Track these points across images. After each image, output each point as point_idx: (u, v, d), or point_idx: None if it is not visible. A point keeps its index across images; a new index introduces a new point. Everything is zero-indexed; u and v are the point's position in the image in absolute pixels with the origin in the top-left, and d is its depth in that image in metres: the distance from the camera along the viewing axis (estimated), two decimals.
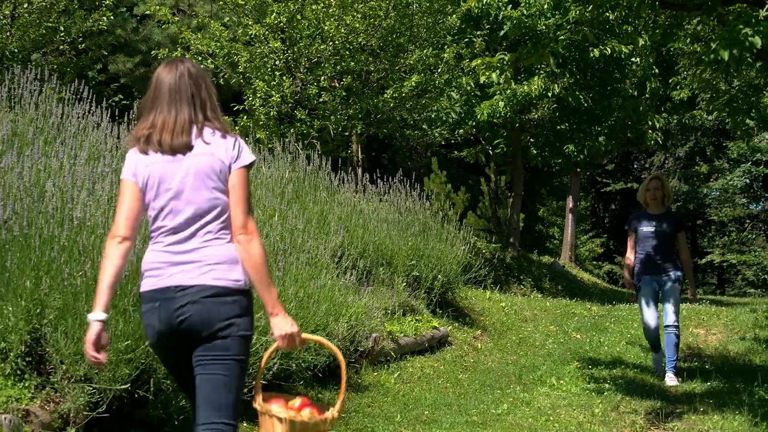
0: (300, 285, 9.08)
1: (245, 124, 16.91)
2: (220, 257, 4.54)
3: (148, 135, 4.68)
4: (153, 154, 4.65)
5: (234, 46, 17.33)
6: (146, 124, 4.73)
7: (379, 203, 14.72)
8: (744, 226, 52.46)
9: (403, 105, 18.34)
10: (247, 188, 4.67)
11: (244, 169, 4.68)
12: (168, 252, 4.58)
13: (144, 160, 4.66)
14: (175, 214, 4.60)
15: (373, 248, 12.81)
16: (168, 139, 4.64)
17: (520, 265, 26.05)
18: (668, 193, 11.26)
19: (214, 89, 4.93)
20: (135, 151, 4.72)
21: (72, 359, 6.28)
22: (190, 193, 4.59)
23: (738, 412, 9.20)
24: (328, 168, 13.82)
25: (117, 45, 23.60)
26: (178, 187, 4.60)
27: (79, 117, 9.73)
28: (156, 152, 4.65)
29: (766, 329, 14.73)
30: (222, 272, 4.51)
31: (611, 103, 24.93)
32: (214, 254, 4.55)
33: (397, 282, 12.63)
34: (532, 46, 14.74)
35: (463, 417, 9.17)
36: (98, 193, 7.55)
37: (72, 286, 6.48)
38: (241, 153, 4.70)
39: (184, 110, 4.71)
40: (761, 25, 8.81)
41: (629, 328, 14.85)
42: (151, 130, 4.69)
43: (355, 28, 16.94)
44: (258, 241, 4.56)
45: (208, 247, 4.56)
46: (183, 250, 4.56)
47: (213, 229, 4.60)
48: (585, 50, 21.94)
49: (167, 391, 6.72)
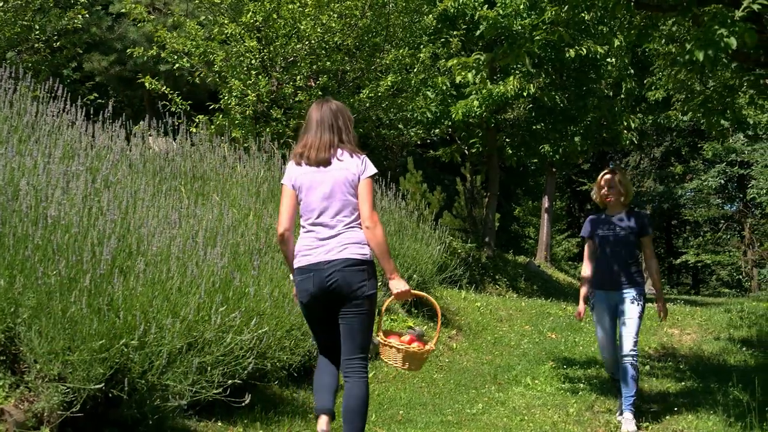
0: (275, 284, 9.06)
1: (221, 123, 16.85)
2: (353, 239, 6.47)
3: (302, 152, 6.67)
4: (304, 166, 6.64)
5: (210, 44, 17.27)
6: (301, 144, 6.75)
7: None
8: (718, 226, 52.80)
9: (378, 104, 18.32)
10: (371, 191, 6.57)
11: (369, 179, 6.59)
12: (317, 238, 6.51)
13: (298, 170, 6.67)
14: (322, 210, 6.54)
15: None
16: (314, 155, 6.61)
17: (496, 264, 26.09)
18: (627, 189, 9.29)
19: (351, 119, 6.88)
20: (292, 163, 6.74)
21: (46, 358, 6.25)
22: (331, 195, 6.53)
23: (712, 412, 9.25)
24: None
25: (92, 43, 23.55)
26: (323, 191, 6.54)
27: (54, 115, 9.67)
28: (306, 165, 6.64)
29: (741, 329, 14.81)
30: (355, 249, 6.44)
31: (587, 104, 24.99)
32: (349, 237, 6.48)
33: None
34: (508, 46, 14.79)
35: (438, 416, 9.19)
36: (72, 191, 7.52)
37: (46, 285, 6.45)
38: (366, 167, 6.61)
39: (326, 135, 6.67)
40: (736, 26, 8.83)
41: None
42: (303, 148, 6.68)
43: (331, 28, 16.91)
44: (380, 228, 6.50)
45: (345, 233, 6.49)
46: (328, 236, 6.49)
47: (347, 221, 6.52)
48: (561, 50, 22.03)
49: (142, 391, 6.70)
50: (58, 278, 6.46)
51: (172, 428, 7.15)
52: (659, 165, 54.49)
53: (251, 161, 12.97)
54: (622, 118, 26.31)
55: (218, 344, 7.34)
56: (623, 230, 9.19)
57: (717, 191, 51.22)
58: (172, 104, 16.90)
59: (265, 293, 8.64)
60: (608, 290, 9.12)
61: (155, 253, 7.42)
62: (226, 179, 12.06)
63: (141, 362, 6.62)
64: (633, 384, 8.86)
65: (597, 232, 9.30)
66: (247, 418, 8.01)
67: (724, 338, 14.08)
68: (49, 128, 9.30)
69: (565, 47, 21.53)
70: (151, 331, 6.65)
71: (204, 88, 20.59)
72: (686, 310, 17.18)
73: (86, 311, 6.35)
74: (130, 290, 6.81)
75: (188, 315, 7.02)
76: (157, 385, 6.78)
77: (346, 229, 6.50)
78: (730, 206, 53.04)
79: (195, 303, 7.23)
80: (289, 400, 9.07)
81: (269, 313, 8.50)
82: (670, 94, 22.71)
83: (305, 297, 6.51)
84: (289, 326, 8.85)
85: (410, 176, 25.86)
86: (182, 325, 6.95)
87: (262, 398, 8.59)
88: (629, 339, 8.89)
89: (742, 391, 9.72)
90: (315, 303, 6.50)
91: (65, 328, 6.33)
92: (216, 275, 7.93)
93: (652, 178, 53.49)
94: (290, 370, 9.11)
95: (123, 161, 9.91)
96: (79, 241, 6.82)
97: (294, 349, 8.87)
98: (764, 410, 8.72)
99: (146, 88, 18.03)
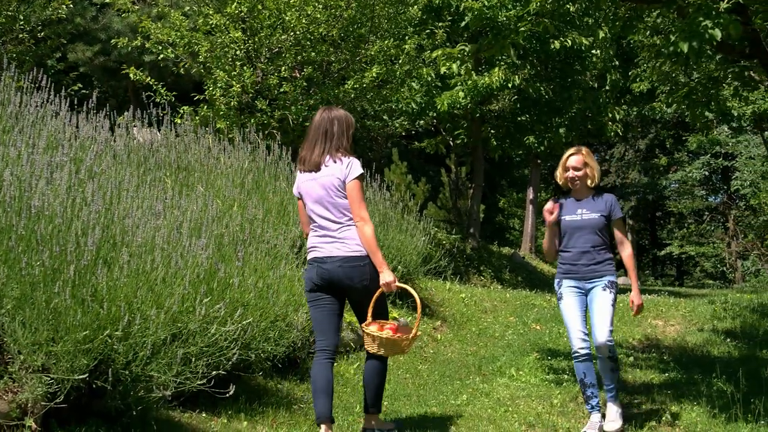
0: (259, 275, 9.05)
1: (206, 113, 16.82)
2: (348, 237, 7.31)
3: (301, 158, 7.54)
4: (303, 172, 7.52)
5: (194, 35, 17.22)
6: (301, 151, 7.56)
7: None
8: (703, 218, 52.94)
9: (363, 96, 18.30)
10: (359, 191, 7.32)
11: (355, 180, 7.31)
12: (320, 236, 7.42)
13: (300, 178, 7.58)
14: (318, 213, 7.42)
15: None
16: (308, 161, 7.46)
17: (481, 256, 26.10)
18: (593, 172, 8.62)
19: (351, 126, 7.60)
20: (298, 171, 7.62)
21: (30, 349, 6.24)
22: (321, 199, 7.39)
23: (696, 403, 9.28)
24: (288, 158, 13.77)
25: (76, 34, 23.48)
26: (315, 196, 7.42)
27: (38, 106, 9.64)
28: (304, 171, 7.50)
29: (724, 321, 14.83)
30: (352, 246, 7.30)
31: (571, 95, 25.04)
32: (349, 236, 7.32)
33: None
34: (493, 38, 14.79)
35: (423, 408, 9.20)
36: (56, 182, 7.50)
37: (30, 276, 6.43)
38: (351, 170, 7.32)
39: (319, 141, 7.46)
40: (721, 18, 8.85)
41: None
42: (301, 155, 7.51)
43: (316, 19, 16.88)
44: (369, 226, 7.28)
45: (343, 231, 7.34)
46: (326, 235, 7.38)
47: (342, 221, 7.35)
48: (546, 42, 22.02)
49: (126, 382, 6.69)
50: (42, 269, 6.45)
51: (156, 419, 7.15)
52: (644, 156, 54.54)
53: (236, 152, 12.95)
54: (607, 109, 26.40)
55: (202, 335, 7.33)
56: (591, 214, 8.55)
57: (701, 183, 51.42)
58: (157, 95, 16.86)
59: (250, 284, 8.62)
60: (578, 279, 8.53)
61: (139, 244, 7.40)
62: (211, 170, 12.04)
63: (125, 353, 6.60)
64: (611, 376, 8.44)
65: (563, 217, 8.64)
66: (231, 409, 8.01)
67: (708, 329, 14.10)
68: (33, 119, 9.27)
69: (550, 39, 21.52)
70: (135, 322, 6.64)
71: (189, 79, 20.54)
72: (670, 301, 17.17)
73: (70, 302, 6.34)
74: (114, 281, 6.79)
75: (172, 306, 7.00)
76: (141, 376, 6.77)
77: (342, 228, 7.35)
78: (714, 198, 53.20)
79: (179, 294, 7.21)
80: (273, 391, 9.07)
81: (254, 304, 8.49)
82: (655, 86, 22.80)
83: (308, 285, 7.50)
84: (274, 317, 8.84)
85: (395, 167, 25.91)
86: (166, 316, 6.93)
87: (246, 389, 8.60)
88: (604, 328, 8.28)
89: (726, 383, 9.73)
90: (317, 289, 7.44)
91: (49, 319, 6.31)
92: (200, 266, 7.91)
93: (637, 169, 53.56)
94: (275, 361, 9.11)
95: (107, 152, 9.87)
96: (63, 232, 6.80)
97: (278, 340, 8.86)
98: (748, 402, 8.75)
99: (131, 79, 17.97)
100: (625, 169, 54.08)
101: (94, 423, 6.63)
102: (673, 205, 53.92)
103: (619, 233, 8.61)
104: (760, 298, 17.03)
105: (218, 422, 7.69)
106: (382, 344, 7.43)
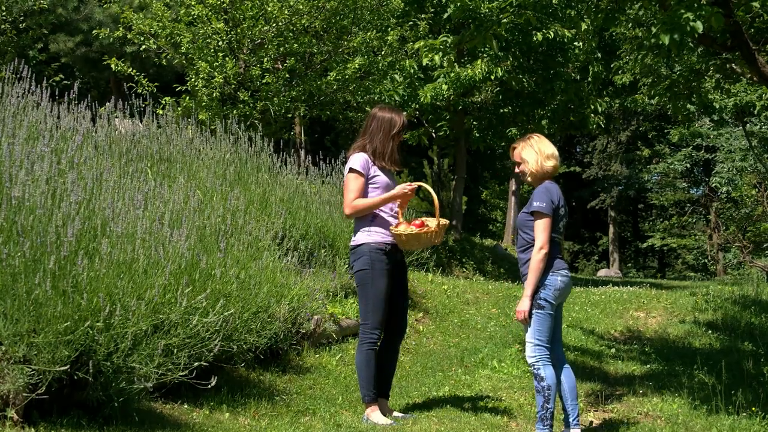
0: (241, 266, 9.04)
1: (188, 105, 16.82)
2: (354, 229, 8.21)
3: None
4: None
5: (176, 26, 17.21)
6: None
7: (321, 185, 14.72)
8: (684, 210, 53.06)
9: (346, 87, 18.32)
10: (347, 183, 7.99)
11: (347, 174, 8.04)
12: None
13: None
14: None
15: (315, 230, 12.81)
16: None
17: (463, 248, 26.12)
18: (528, 167, 7.78)
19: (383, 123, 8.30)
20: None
21: (11, 340, 6.21)
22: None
23: (677, 395, 9.31)
24: (270, 150, 13.74)
25: (58, 24, 23.42)
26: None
27: (19, 96, 9.60)
28: None
29: (706, 312, 14.88)
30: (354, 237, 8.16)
31: (554, 87, 25.03)
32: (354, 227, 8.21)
33: (339, 264, 12.61)
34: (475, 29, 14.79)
35: (405, 399, 9.20)
36: (37, 172, 7.48)
37: (11, 267, 6.40)
38: (347, 164, 8.11)
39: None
40: (703, 10, 8.86)
41: (570, 312, 14.95)
42: None
43: (299, 10, 16.89)
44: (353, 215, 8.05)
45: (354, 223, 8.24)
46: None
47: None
48: (528, 34, 22.06)
49: (107, 373, 6.67)
50: (23, 260, 6.42)
51: (137, 410, 7.12)
52: (626, 149, 54.73)
53: (218, 143, 12.94)
54: (589, 101, 26.39)
55: (184, 326, 7.31)
56: (522, 212, 7.83)
57: (683, 175, 51.59)
58: (139, 86, 16.86)
59: (232, 275, 8.61)
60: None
61: (120, 235, 7.38)
62: (193, 161, 12.02)
63: (106, 344, 6.58)
64: (538, 396, 7.39)
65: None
66: (213, 401, 8.00)
67: (690, 321, 14.15)
68: (14, 109, 9.23)
69: (533, 30, 21.56)
70: (116, 313, 6.61)
71: (171, 69, 20.54)
72: (652, 293, 17.22)
73: (51, 293, 6.32)
74: (95, 272, 6.77)
75: (154, 297, 6.98)
76: (122, 368, 6.75)
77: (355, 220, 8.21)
78: (695, 190, 53.41)
79: (161, 285, 7.20)
80: (255, 382, 9.06)
81: (236, 296, 8.48)
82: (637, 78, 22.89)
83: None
84: (256, 308, 8.83)
85: None
86: (148, 307, 6.91)
87: (228, 380, 8.58)
88: (526, 343, 7.52)
89: (707, 374, 9.77)
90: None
91: (30, 310, 6.29)
92: (182, 257, 7.89)
93: (619, 161, 53.71)
94: (257, 353, 9.10)
95: (88, 143, 9.83)
96: (43, 223, 6.77)
97: (260, 331, 8.84)
98: (729, 393, 8.79)
99: (112, 70, 17.95)
100: (607, 161, 54.22)
101: (75, 414, 6.61)
102: (655, 198, 54.15)
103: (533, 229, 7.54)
104: (741, 290, 17.09)
105: (200, 413, 7.67)
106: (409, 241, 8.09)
